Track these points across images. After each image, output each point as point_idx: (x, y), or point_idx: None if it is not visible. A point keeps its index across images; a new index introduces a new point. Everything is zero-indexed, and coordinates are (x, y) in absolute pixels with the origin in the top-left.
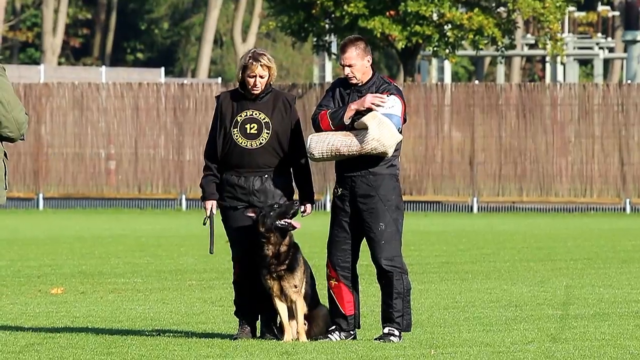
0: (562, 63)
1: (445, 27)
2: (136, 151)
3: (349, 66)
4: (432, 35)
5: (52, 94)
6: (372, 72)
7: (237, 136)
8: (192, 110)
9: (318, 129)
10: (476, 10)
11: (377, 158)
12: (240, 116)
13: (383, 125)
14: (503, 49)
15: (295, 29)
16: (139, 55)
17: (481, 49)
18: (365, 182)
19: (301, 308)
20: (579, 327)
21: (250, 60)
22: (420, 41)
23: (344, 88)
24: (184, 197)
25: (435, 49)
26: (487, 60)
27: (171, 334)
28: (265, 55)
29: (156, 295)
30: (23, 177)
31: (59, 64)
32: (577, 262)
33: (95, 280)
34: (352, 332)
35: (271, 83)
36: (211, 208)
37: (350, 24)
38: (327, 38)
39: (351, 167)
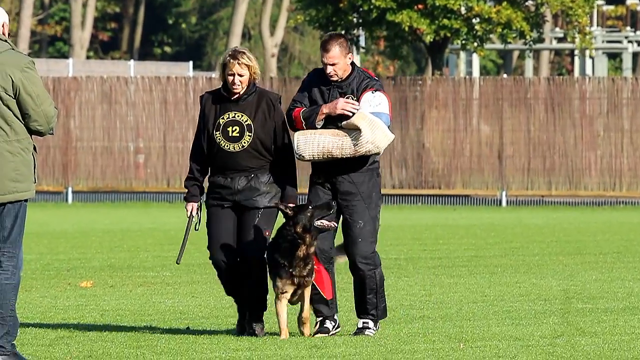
0: (590, 57)
1: (474, 20)
2: (165, 145)
3: (332, 65)
4: (460, 28)
5: (81, 87)
6: (352, 67)
7: (219, 139)
8: None
9: (293, 127)
10: (504, 3)
11: (358, 159)
12: (223, 118)
13: (375, 126)
14: (531, 42)
15: (323, 23)
16: (167, 49)
17: (509, 43)
18: (347, 179)
19: (308, 312)
20: (608, 320)
21: (229, 59)
22: (449, 35)
23: (323, 84)
24: None
25: (463, 42)
26: (516, 54)
27: (200, 328)
28: (245, 53)
29: (185, 288)
30: (52, 170)
31: (88, 57)
32: (607, 255)
33: (124, 274)
34: (336, 319)
35: (255, 83)
36: (192, 210)
37: (378, 18)
38: (355, 32)
39: (333, 165)
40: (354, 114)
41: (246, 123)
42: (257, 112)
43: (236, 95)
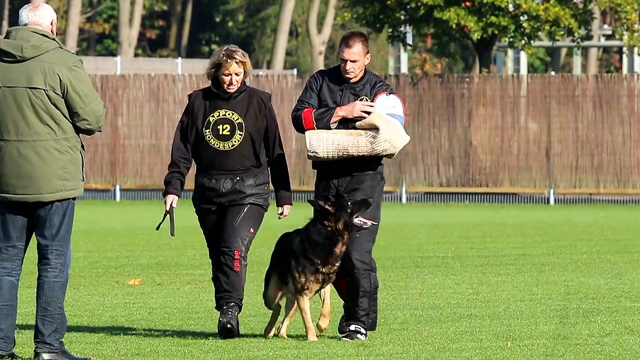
0: (639, 54)
1: (521, 18)
2: None
3: (353, 61)
4: (507, 26)
5: (129, 85)
6: (364, 70)
7: (209, 137)
8: None
9: (299, 128)
10: (552, 1)
11: (368, 161)
12: (213, 116)
13: (392, 126)
14: (579, 40)
15: (371, 20)
16: (214, 47)
17: (557, 40)
18: (352, 180)
19: (329, 306)
20: None
21: (225, 58)
22: (496, 32)
23: (335, 83)
24: None
25: (511, 40)
26: (564, 52)
27: (247, 326)
28: (238, 51)
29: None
30: (100, 168)
31: (135, 55)
32: None
33: (171, 272)
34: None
35: (245, 81)
36: (171, 203)
37: (425, 15)
38: (402, 29)
39: (339, 166)
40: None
41: (237, 121)
42: (248, 111)
43: (229, 94)
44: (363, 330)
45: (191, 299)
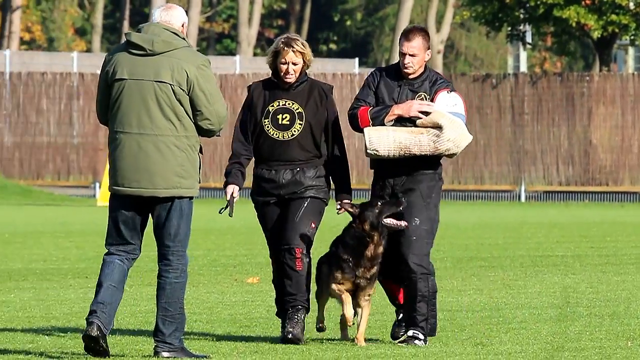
0: None
1: None
2: None
3: (412, 55)
4: (628, 24)
5: (248, 84)
6: (424, 66)
7: (268, 127)
8: None
9: (356, 127)
10: None
11: (428, 160)
12: (272, 106)
13: (456, 125)
14: None
15: (490, 19)
16: (333, 46)
17: None
18: (408, 180)
19: (367, 315)
20: None
21: (282, 46)
22: (617, 30)
23: (392, 79)
24: None
25: (632, 38)
26: None
27: (371, 324)
28: (298, 40)
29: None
30: (219, 167)
31: (255, 54)
32: None
33: None
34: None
35: (306, 72)
36: (232, 193)
37: (545, 14)
38: (521, 28)
39: (395, 165)
40: (429, 114)
41: (297, 111)
42: (308, 101)
43: (288, 84)
44: (421, 336)
45: (311, 296)
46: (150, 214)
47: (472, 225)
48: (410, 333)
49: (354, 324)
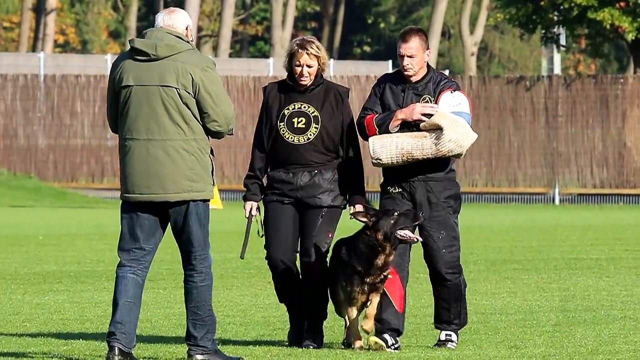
0: None
1: None
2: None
3: (410, 57)
4: None
5: None
6: (427, 68)
7: (283, 130)
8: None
9: (364, 135)
10: None
11: (437, 163)
12: (288, 109)
13: (458, 125)
14: None
15: (523, 21)
16: (366, 48)
17: None
18: (424, 187)
19: (377, 302)
20: None
21: (297, 48)
22: None
23: (397, 85)
24: None
25: None
26: None
27: (407, 325)
28: (313, 43)
29: None
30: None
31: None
32: None
33: None
34: (397, 338)
35: (322, 75)
36: (250, 209)
37: (579, 16)
38: (555, 30)
39: (408, 172)
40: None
41: (313, 114)
42: (324, 104)
43: (303, 87)
44: (454, 338)
45: None
46: (167, 220)
47: (506, 228)
48: (443, 336)
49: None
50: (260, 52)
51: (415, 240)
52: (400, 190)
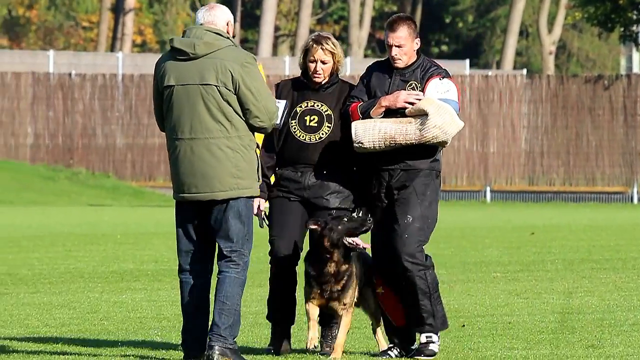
0: None
1: None
2: None
3: (398, 46)
4: None
5: None
6: (417, 54)
7: (294, 128)
8: (497, 102)
9: (348, 124)
10: None
11: (420, 151)
12: (300, 107)
13: (443, 111)
14: None
15: (602, 20)
16: (444, 47)
17: None
18: (403, 175)
19: (346, 325)
20: None
21: (312, 43)
22: None
23: (384, 72)
24: (488, 189)
25: None
26: None
27: (475, 326)
28: (329, 38)
29: (460, 286)
30: None
31: (365, 56)
32: None
33: None
34: (412, 347)
35: (337, 74)
36: (259, 205)
37: None
38: (634, 28)
39: (390, 159)
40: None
41: (326, 113)
42: (338, 103)
43: (317, 84)
44: (434, 338)
45: None
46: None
47: (584, 227)
48: (423, 339)
49: (321, 343)
50: None
51: (363, 247)
52: (377, 188)
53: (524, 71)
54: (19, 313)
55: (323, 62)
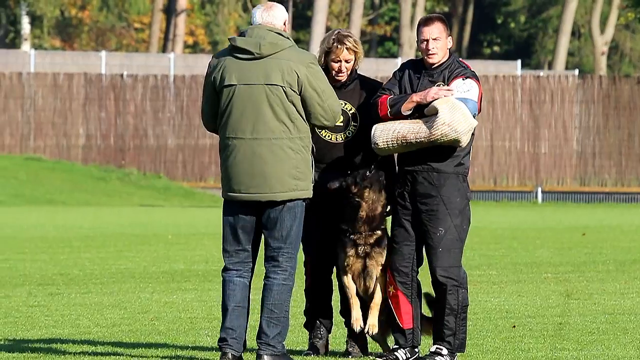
0: None
1: None
2: (492, 144)
3: (435, 40)
4: None
5: None
6: (449, 54)
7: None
8: (549, 103)
9: (376, 115)
10: None
11: (443, 153)
12: None
13: (455, 109)
14: None
15: None
16: (496, 48)
17: None
18: (426, 179)
19: (380, 298)
20: None
21: (335, 44)
22: None
23: (414, 71)
24: (539, 189)
25: None
26: None
27: (526, 327)
28: (350, 37)
29: (511, 287)
30: None
31: (417, 57)
32: None
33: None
34: (415, 351)
35: (356, 69)
36: None
37: None
38: None
39: (412, 160)
40: None
41: (351, 112)
42: (360, 100)
43: (339, 83)
44: (445, 352)
45: (470, 299)
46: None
47: (636, 228)
48: (433, 348)
49: (363, 330)
50: (389, 53)
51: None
52: (400, 189)
53: (576, 72)
54: (71, 313)
55: (347, 61)
